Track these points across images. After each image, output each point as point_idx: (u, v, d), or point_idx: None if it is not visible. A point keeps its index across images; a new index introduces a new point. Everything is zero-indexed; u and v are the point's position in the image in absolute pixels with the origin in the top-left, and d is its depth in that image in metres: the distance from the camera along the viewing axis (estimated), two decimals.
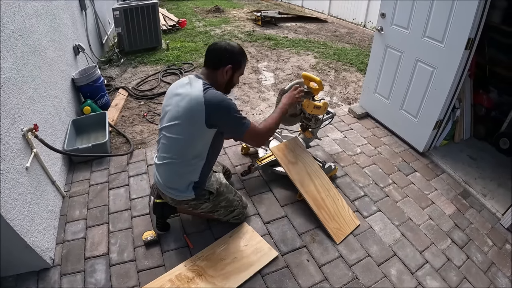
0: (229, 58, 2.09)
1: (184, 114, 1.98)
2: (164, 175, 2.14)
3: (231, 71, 2.13)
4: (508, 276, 2.43)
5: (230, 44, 2.12)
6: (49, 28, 3.10)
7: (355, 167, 3.29)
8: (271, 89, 4.78)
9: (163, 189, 2.18)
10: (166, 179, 2.14)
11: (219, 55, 2.09)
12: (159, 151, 2.18)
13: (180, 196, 2.15)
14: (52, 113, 2.85)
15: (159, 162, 2.16)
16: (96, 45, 5.14)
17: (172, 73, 5.03)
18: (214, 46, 2.11)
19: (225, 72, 2.10)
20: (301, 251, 2.42)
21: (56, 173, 2.69)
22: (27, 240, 1.98)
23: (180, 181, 2.12)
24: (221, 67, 2.09)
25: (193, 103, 1.94)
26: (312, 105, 2.75)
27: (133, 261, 2.28)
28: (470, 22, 2.70)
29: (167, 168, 2.12)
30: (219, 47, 2.09)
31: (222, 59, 2.08)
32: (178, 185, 2.12)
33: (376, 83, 3.89)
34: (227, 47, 2.09)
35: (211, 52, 2.11)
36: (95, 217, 2.58)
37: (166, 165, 2.11)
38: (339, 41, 7.17)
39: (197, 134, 2.02)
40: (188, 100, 1.97)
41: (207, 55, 2.13)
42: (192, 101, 1.95)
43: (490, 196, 3.12)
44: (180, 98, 2.02)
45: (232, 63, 2.11)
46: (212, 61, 2.11)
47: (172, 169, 2.11)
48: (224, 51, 2.08)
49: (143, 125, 3.74)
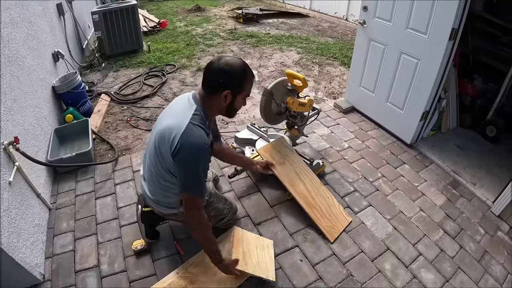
0: (226, 83, 1.77)
1: (158, 136, 1.82)
2: (150, 192, 2.07)
3: (231, 96, 1.82)
4: (501, 263, 2.46)
5: (229, 63, 1.77)
6: (26, 36, 3.00)
7: (343, 162, 3.28)
8: (254, 87, 4.73)
9: (151, 204, 2.13)
10: (152, 196, 2.07)
11: (214, 79, 1.78)
12: (144, 162, 2.10)
13: (169, 211, 2.10)
14: (34, 123, 2.77)
15: (144, 181, 2.11)
16: (76, 50, 5.03)
17: (154, 75, 4.95)
18: (210, 67, 1.80)
19: (223, 98, 1.80)
20: (294, 251, 2.40)
21: (40, 185, 2.62)
22: (15, 257, 1.91)
23: (166, 200, 2.05)
24: (218, 93, 1.79)
25: (172, 130, 1.74)
26: (297, 103, 2.72)
27: (124, 271, 2.23)
28: (454, 13, 2.70)
29: (152, 187, 2.05)
30: (215, 69, 1.77)
31: (218, 85, 1.78)
32: (165, 203, 2.07)
33: (361, 77, 3.88)
34: (224, 68, 1.75)
35: (207, 74, 1.82)
36: (83, 229, 2.52)
37: (151, 184, 2.04)
38: (322, 36, 7.16)
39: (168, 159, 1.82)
40: (171, 123, 1.78)
41: (204, 76, 1.84)
42: (171, 128, 1.76)
43: (480, 185, 3.14)
44: (168, 115, 1.88)
45: (231, 87, 1.79)
46: (208, 85, 1.83)
47: (156, 190, 2.03)
48: (220, 74, 1.76)
49: (127, 130, 3.68)
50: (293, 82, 2.74)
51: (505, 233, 2.71)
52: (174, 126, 1.74)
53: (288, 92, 2.81)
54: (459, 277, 2.32)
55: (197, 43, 6.38)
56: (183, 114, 1.78)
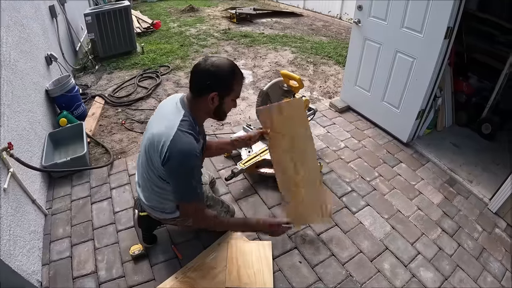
0: (213, 85, 1.71)
1: (148, 143, 1.78)
2: (145, 198, 2.04)
3: (218, 99, 1.75)
4: (499, 260, 2.47)
5: (215, 64, 1.70)
6: (18, 40, 2.96)
7: (340, 162, 3.28)
8: (249, 87, 4.73)
9: (147, 210, 2.11)
10: (148, 202, 2.04)
11: (201, 81, 1.72)
12: (138, 170, 2.06)
13: (165, 215, 2.07)
14: (27, 128, 2.73)
15: (139, 187, 2.08)
16: (70, 52, 4.99)
17: (148, 77, 4.92)
18: (196, 69, 1.73)
19: (210, 100, 1.73)
20: (293, 253, 2.39)
21: (35, 191, 2.58)
22: (12, 265, 1.88)
23: (161, 205, 2.02)
24: (205, 95, 1.73)
25: (161, 138, 1.69)
26: None
27: (122, 277, 2.20)
28: (449, 11, 2.71)
29: (146, 193, 2.02)
30: (201, 70, 1.71)
31: (205, 86, 1.72)
32: (161, 208, 2.04)
33: (356, 76, 3.88)
34: (211, 69, 1.68)
35: (194, 76, 1.75)
36: (80, 234, 2.49)
37: (145, 190, 2.01)
38: (316, 35, 7.16)
39: (159, 166, 1.77)
40: (161, 131, 1.72)
41: (191, 79, 1.78)
42: (160, 136, 1.70)
43: (476, 182, 3.15)
44: (157, 122, 1.83)
45: (218, 89, 1.72)
46: (194, 87, 1.77)
47: (151, 196, 2.00)
48: (207, 75, 1.69)
49: (122, 133, 3.65)
50: (289, 83, 2.73)
51: (503, 230, 2.72)
52: (162, 133, 1.70)
53: (284, 93, 2.80)
54: (457, 275, 2.32)
55: (191, 43, 6.35)
56: (171, 121, 1.72)
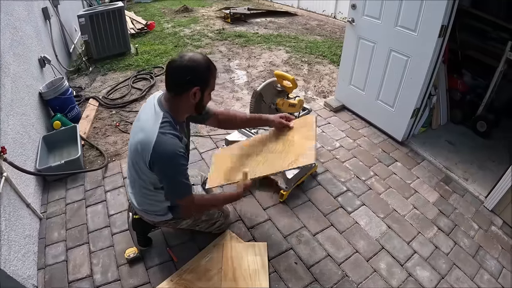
0: (193, 79, 1.71)
1: (133, 150, 1.81)
2: (136, 203, 2.04)
3: (200, 93, 1.76)
4: (496, 257, 2.47)
5: (192, 59, 1.71)
6: (11, 42, 2.94)
7: (335, 162, 3.27)
8: (244, 88, 4.72)
9: (139, 212, 2.10)
10: (140, 206, 2.03)
11: (180, 78, 1.71)
12: (128, 174, 2.03)
13: (158, 218, 2.07)
14: (21, 131, 2.72)
15: (131, 192, 2.08)
16: (63, 54, 4.96)
17: (142, 78, 4.91)
18: (173, 65, 1.72)
19: (192, 95, 1.74)
20: (288, 254, 2.39)
21: (30, 194, 2.57)
22: (7, 270, 1.87)
23: (153, 208, 2.02)
24: (186, 92, 1.73)
25: (144, 141, 1.71)
26: (287, 104, 2.71)
27: (118, 280, 2.20)
28: (443, 10, 2.71)
29: (137, 197, 2.02)
30: (179, 67, 1.70)
31: (185, 83, 1.71)
32: (153, 211, 2.03)
33: (350, 75, 3.87)
34: (189, 65, 1.68)
35: (172, 75, 1.74)
36: (75, 238, 2.48)
37: (136, 194, 2.01)
38: (310, 34, 7.15)
39: (146, 170, 1.80)
40: (141, 136, 1.74)
41: (168, 78, 1.76)
42: (143, 140, 1.72)
43: (472, 180, 3.16)
44: (138, 128, 1.81)
45: (199, 83, 1.73)
46: (174, 85, 1.76)
47: (142, 200, 2.00)
48: (186, 71, 1.68)
49: (116, 135, 3.63)
50: (283, 83, 2.72)
51: (499, 227, 2.72)
52: (144, 140, 1.71)
53: (278, 93, 2.79)
54: (454, 273, 2.33)
55: (185, 44, 6.33)
56: (151, 126, 1.73)
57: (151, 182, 1.86)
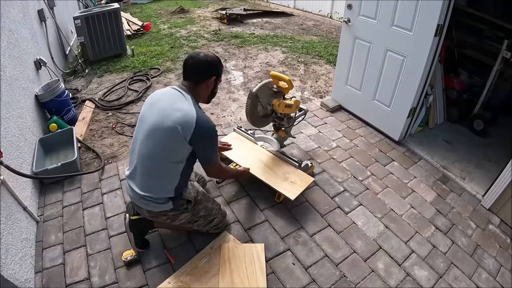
0: (211, 70, 2.10)
1: (172, 126, 1.91)
2: (140, 184, 2.04)
3: (214, 83, 2.15)
4: (494, 256, 2.48)
5: (209, 56, 2.10)
6: (6, 45, 2.92)
7: (332, 162, 3.27)
8: (240, 88, 4.72)
9: (139, 201, 2.08)
10: (145, 193, 2.03)
11: (201, 69, 2.07)
12: (134, 159, 2.08)
13: (158, 207, 2.06)
14: (17, 134, 2.70)
15: (135, 171, 2.07)
16: (59, 56, 4.95)
17: (139, 79, 4.89)
18: (193, 60, 2.06)
19: (210, 84, 2.12)
20: (286, 255, 2.38)
21: (27, 197, 2.56)
22: (4, 274, 1.86)
23: (162, 191, 2.03)
24: (205, 81, 2.09)
25: (186, 119, 1.91)
26: (283, 104, 2.71)
27: (115, 283, 2.19)
28: (439, 9, 2.71)
29: (145, 174, 2.03)
30: (199, 61, 2.05)
31: (205, 72, 2.08)
32: (156, 193, 2.03)
33: (347, 75, 3.88)
34: (208, 59, 2.07)
35: (192, 66, 2.07)
36: (72, 241, 2.47)
37: (145, 171, 2.02)
38: (307, 34, 7.15)
39: (179, 146, 1.97)
40: (180, 114, 1.92)
41: (188, 69, 2.08)
42: (184, 117, 1.91)
43: (469, 179, 3.16)
44: (170, 109, 1.96)
45: (215, 73, 2.11)
46: (194, 75, 2.08)
47: (151, 175, 2.02)
48: (206, 64, 2.06)
49: (112, 137, 3.62)
50: (279, 84, 2.72)
51: (496, 226, 2.73)
52: (184, 117, 1.91)
53: (274, 94, 2.78)
54: (452, 273, 2.33)
55: (181, 45, 6.32)
56: (185, 105, 1.97)
57: (177, 161, 2.02)
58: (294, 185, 2.68)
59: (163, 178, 2.03)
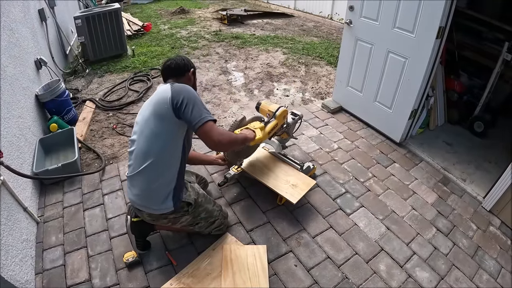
0: (188, 65, 2.25)
1: (154, 107, 1.99)
2: (140, 186, 2.03)
3: (193, 75, 2.31)
4: (494, 257, 2.49)
5: (178, 56, 2.28)
6: (7, 44, 2.92)
7: (333, 163, 3.27)
8: (241, 89, 4.71)
9: (140, 205, 2.08)
10: (142, 190, 2.02)
11: (178, 64, 2.21)
12: (132, 160, 2.07)
13: (158, 210, 2.05)
14: (17, 134, 2.69)
15: (133, 173, 2.05)
16: (60, 56, 4.93)
17: (139, 80, 4.88)
18: (171, 62, 2.22)
19: (191, 75, 2.26)
20: (288, 256, 2.38)
21: (27, 198, 2.55)
22: (4, 276, 1.85)
23: (158, 189, 2.01)
24: (186, 72, 2.23)
25: (161, 94, 1.98)
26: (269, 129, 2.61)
27: (116, 285, 2.18)
28: (440, 11, 2.71)
29: (144, 175, 2.01)
30: (173, 60, 2.22)
31: (183, 66, 2.22)
32: (156, 195, 2.02)
33: (348, 77, 3.87)
34: (182, 57, 2.27)
35: (170, 66, 2.21)
36: (73, 242, 2.46)
37: (143, 171, 2.00)
38: (307, 35, 7.15)
39: (168, 127, 1.98)
40: (156, 94, 2.04)
41: (167, 70, 2.21)
42: (160, 93, 2.00)
43: (470, 180, 3.17)
44: (149, 99, 2.09)
45: (191, 67, 2.28)
46: (175, 70, 2.20)
47: (149, 175, 2.00)
48: (180, 60, 2.23)
49: (113, 138, 3.61)
50: (267, 112, 2.71)
51: (497, 227, 2.74)
52: (163, 94, 1.97)
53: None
54: (453, 274, 2.33)
55: (182, 46, 6.31)
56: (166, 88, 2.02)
57: (169, 140, 2.00)
58: (296, 188, 2.68)
59: (161, 177, 2.01)
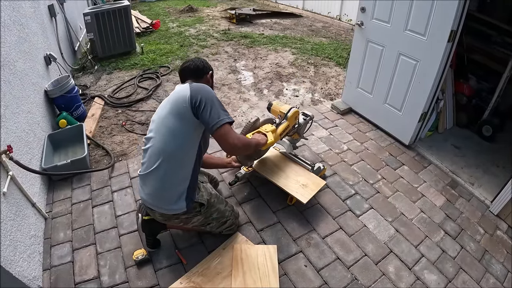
0: (206, 67, 2.29)
1: (172, 105, 2.00)
2: (153, 184, 2.02)
3: (211, 78, 2.33)
4: (501, 261, 2.48)
5: (196, 58, 2.33)
6: (17, 39, 2.92)
7: (343, 165, 3.27)
8: (251, 89, 4.71)
9: (151, 205, 2.07)
10: (155, 189, 2.02)
11: (197, 66, 2.25)
12: (146, 158, 2.07)
13: (171, 211, 2.05)
14: (26, 130, 2.69)
15: (147, 171, 2.04)
16: (68, 52, 4.95)
17: (148, 77, 4.89)
18: (189, 63, 2.26)
19: (209, 77, 2.30)
20: (298, 257, 2.38)
21: (35, 194, 2.55)
22: (12, 271, 1.84)
23: (171, 189, 2.01)
24: (204, 75, 2.26)
25: (179, 93, 1.99)
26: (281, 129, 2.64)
27: (126, 282, 2.18)
28: (453, 15, 2.70)
29: (157, 173, 2.00)
30: (192, 61, 2.27)
31: (202, 68, 2.26)
32: (169, 194, 2.01)
33: (358, 78, 3.87)
34: (201, 60, 2.31)
35: (189, 67, 2.25)
36: (81, 238, 2.46)
37: (157, 170, 1.99)
38: (316, 36, 7.15)
39: (186, 126, 1.97)
40: (174, 93, 2.04)
41: (186, 71, 2.25)
42: (178, 92, 2.01)
43: (478, 184, 3.16)
44: (167, 98, 2.10)
45: (210, 69, 2.32)
46: (193, 72, 2.24)
47: (163, 174, 1.99)
48: (199, 62, 2.27)
49: (122, 135, 3.61)
50: (278, 113, 2.73)
51: (504, 232, 2.73)
52: (182, 93, 1.98)
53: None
54: (461, 277, 2.33)
55: (190, 44, 6.33)
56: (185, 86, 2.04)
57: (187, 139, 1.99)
58: (306, 188, 2.68)
59: (175, 176, 2.00)
